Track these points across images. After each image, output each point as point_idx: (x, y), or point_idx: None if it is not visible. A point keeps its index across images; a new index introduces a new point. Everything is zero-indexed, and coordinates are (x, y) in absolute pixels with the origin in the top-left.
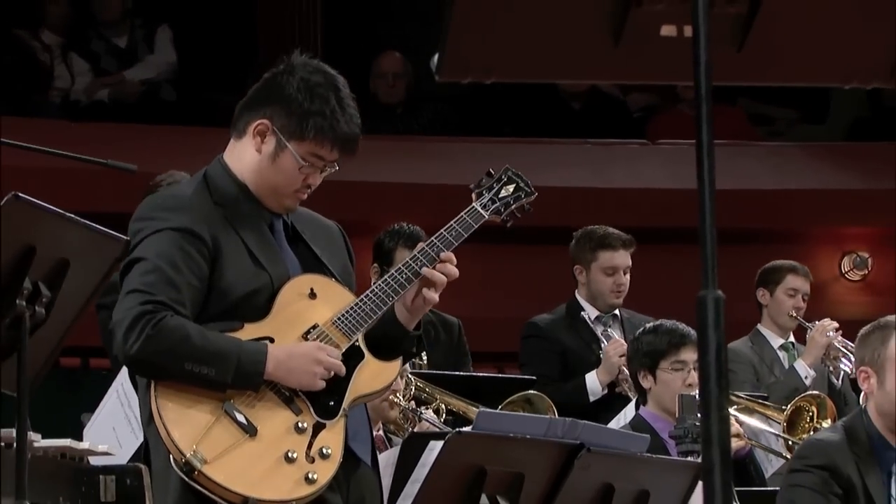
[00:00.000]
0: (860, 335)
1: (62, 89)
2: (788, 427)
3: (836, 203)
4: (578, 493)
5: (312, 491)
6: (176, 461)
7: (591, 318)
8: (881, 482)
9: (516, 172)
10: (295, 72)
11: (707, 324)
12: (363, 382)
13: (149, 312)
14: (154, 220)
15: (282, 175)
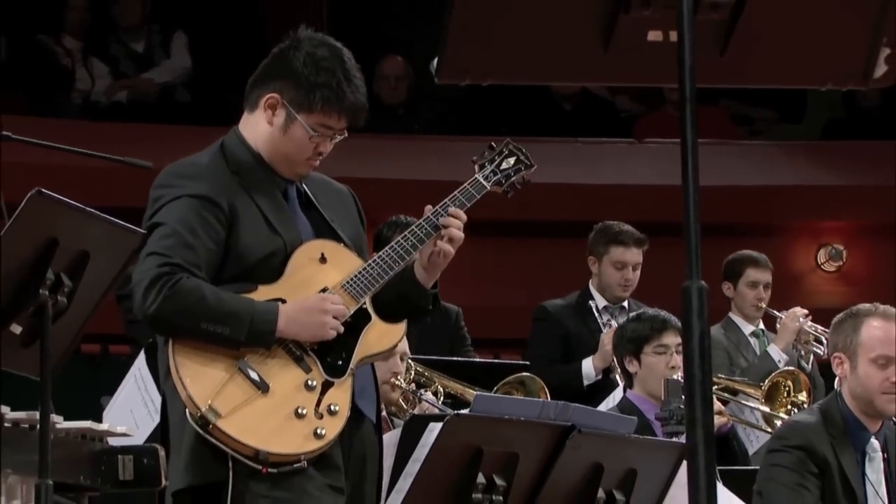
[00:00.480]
0: (834, 322)
1: (83, 91)
2: (767, 402)
3: (813, 198)
4: (570, 471)
5: (321, 445)
6: (192, 415)
7: (598, 308)
8: (855, 461)
9: (517, 146)
10: (301, 46)
11: (691, 312)
12: (370, 343)
13: (166, 274)
14: (173, 188)
15: (293, 144)
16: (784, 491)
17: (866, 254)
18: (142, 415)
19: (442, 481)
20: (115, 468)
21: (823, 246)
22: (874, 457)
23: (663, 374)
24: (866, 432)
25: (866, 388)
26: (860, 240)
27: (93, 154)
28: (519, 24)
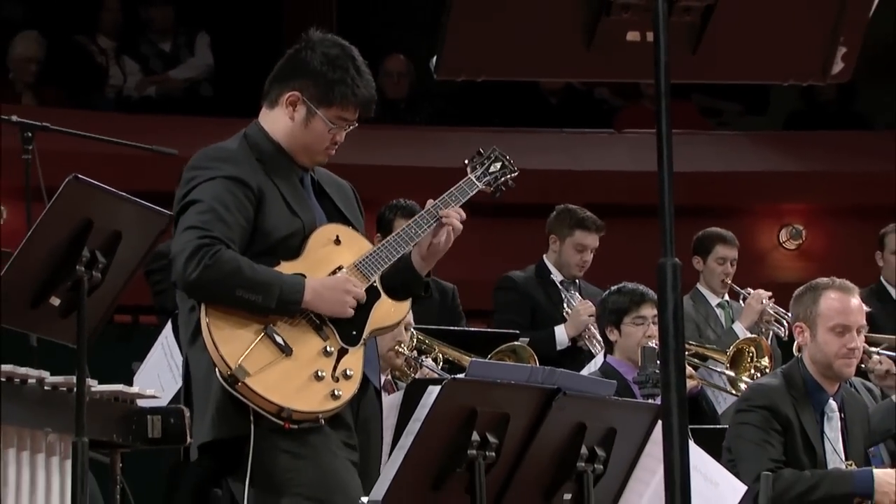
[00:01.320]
0: (795, 295)
1: (115, 86)
2: (732, 367)
3: (775, 183)
4: (556, 430)
5: (337, 405)
6: (221, 373)
7: (557, 280)
8: (814, 420)
9: (502, 153)
10: (316, 47)
11: (666, 286)
12: (379, 317)
13: (206, 245)
14: (208, 170)
15: (313, 136)
16: (750, 446)
17: (824, 233)
18: (168, 379)
19: (440, 439)
20: (144, 427)
21: (785, 226)
22: (832, 416)
23: (641, 342)
24: (825, 394)
25: (825, 354)
26: (818, 220)
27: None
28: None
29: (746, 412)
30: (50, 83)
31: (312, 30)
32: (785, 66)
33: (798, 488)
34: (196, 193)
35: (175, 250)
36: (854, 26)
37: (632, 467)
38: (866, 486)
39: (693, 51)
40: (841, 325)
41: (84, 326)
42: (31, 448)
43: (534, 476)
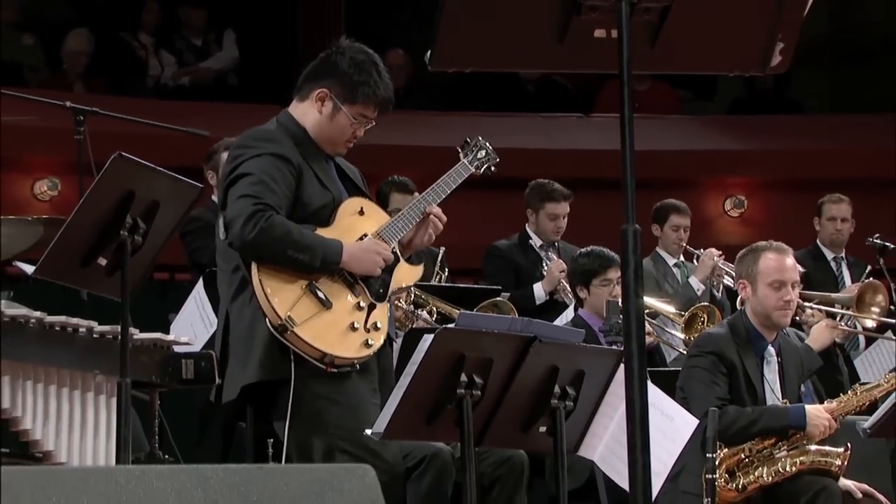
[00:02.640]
0: (738, 256)
1: (154, 76)
2: (686, 329)
3: (721, 160)
4: (532, 372)
5: (369, 353)
6: (272, 323)
7: (537, 246)
8: (755, 363)
9: (485, 143)
10: (345, 52)
11: (628, 249)
12: (400, 277)
13: (261, 210)
14: (254, 148)
15: (337, 129)
16: (700, 386)
17: (763, 203)
18: (199, 328)
19: (433, 379)
20: (179, 369)
21: (729, 197)
22: (770, 360)
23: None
24: (764, 341)
25: (764, 307)
26: (758, 192)
27: (162, 125)
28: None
29: (697, 357)
30: (98, 74)
31: (343, 37)
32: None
33: (741, 422)
34: (245, 167)
35: (232, 215)
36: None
37: (598, 404)
38: (799, 420)
39: (652, 45)
40: (778, 280)
41: (127, 283)
42: (82, 387)
43: (513, 411)
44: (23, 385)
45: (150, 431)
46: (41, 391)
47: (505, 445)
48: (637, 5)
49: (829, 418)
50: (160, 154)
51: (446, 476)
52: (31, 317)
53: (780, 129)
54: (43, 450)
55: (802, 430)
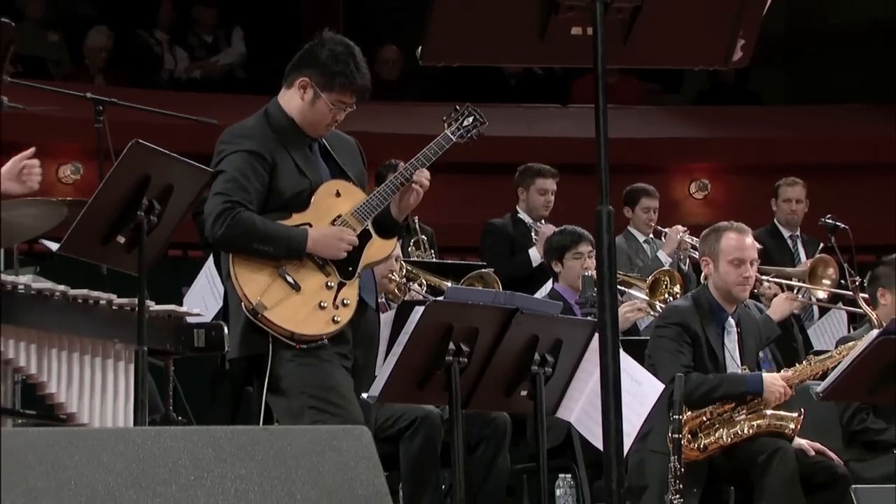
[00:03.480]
0: (702, 235)
1: (168, 70)
2: (650, 293)
3: (686, 147)
4: (515, 341)
5: (336, 328)
6: (246, 307)
7: (528, 222)
8: (717, 334)
9: (475, 108)
10: (325, 44)
11: (602, 228)
12: (371, 254)
13: (228, 209)
14: (231, 144)
15: (318, 114)
16: (666, 355)
17: (725, 186)
18: (210, 301)
19: (424, 348)
20: (191, 338)
21: (694, 180)
22: (731, 331)
23: (579, 273)
24: (725, 313)
25: (725, 282)
26: (720, 176)
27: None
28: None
29: (663, 328)
30: (117, 68)
31: (326, 30)
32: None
33: (703, 388)
34: (223, 165)
35: (206, 213)
36: (751, 23)
37: (574, 370)
38: (757, 387)
39: (624, 42)
40: (738, 258)
41: (144, 259)
42: (102, 355)
43: (497, 377)
44: (48, 353)
45: (164, 395)
46: (65, 358)
47: (489, 408)
48: (610, 5)
49: (784, 385)
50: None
51: (436, 436)
52: (55, 290)
53: (741, 118)
54: (66, 412)
55: (760, 395)
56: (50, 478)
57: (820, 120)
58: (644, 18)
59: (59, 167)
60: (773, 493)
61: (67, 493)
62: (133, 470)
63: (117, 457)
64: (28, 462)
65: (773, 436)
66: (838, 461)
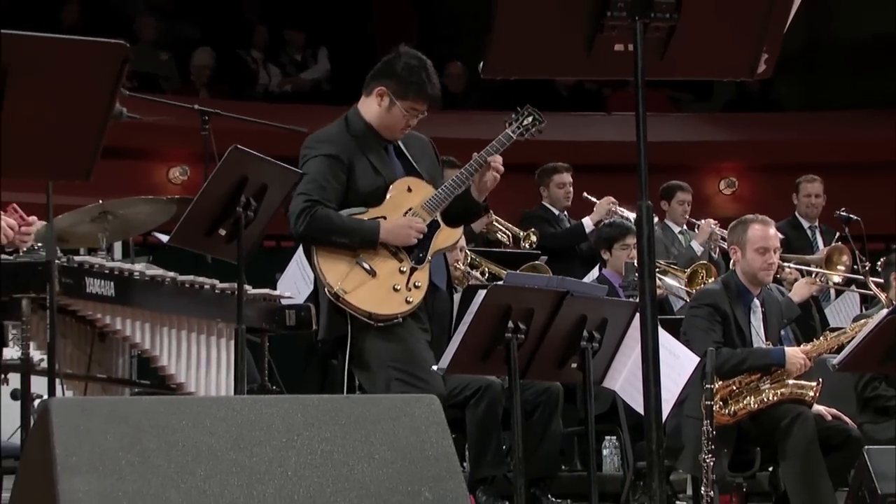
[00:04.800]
0: (730, 227)
1: (263, 85)
2: (689, 283)
3: (716, 149)
4: (566, 320)
5: (409, 308)
6: (328, 292)
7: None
8: (744, 313)
9: (534, 109)
10: (402, 57)
11: (643, 220)
12: (439, 242)
13: (309, 207)
14: (313, 149)
15: (393, 119)
16: (699, 332)
17: (750, 183)
18: (301, 285)
19: (486, 326)
20: (283, 318)
21: (723, 178)
22: (756, 310)
23: (625, 260)
24: (751, 295)
25: (752, 267)
26: (746, 174)
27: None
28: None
29: (697, 308)
30: (218, 82)
31: (402, 45)
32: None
33: (732, 361)
34: (305, 168)
35: (290, 211)
36: (773, 39)
37: (618, 345)
38: (780, 359)
39: (661, 56)
40: (762, 247)
41: (242, 249)
42: (207, 332)
43: (551, 351)
44: (160, 330)
45: (260, 367)
46: (174, 335)
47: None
48: (649, 24)
49: (804, 357)
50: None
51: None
52: (166, 276)
53: (764, 123)
54: (176, 382)
55: (782, 367)
56: (161, 440)
57: (832, 124)
58: (679, 36)
59: (169, 169)
60: (794, 453)
61: (176, 453)
62: (233, 433)
63: (219, 421)
64: (142, 426)
65: (795, 402)
66: (852, 425)
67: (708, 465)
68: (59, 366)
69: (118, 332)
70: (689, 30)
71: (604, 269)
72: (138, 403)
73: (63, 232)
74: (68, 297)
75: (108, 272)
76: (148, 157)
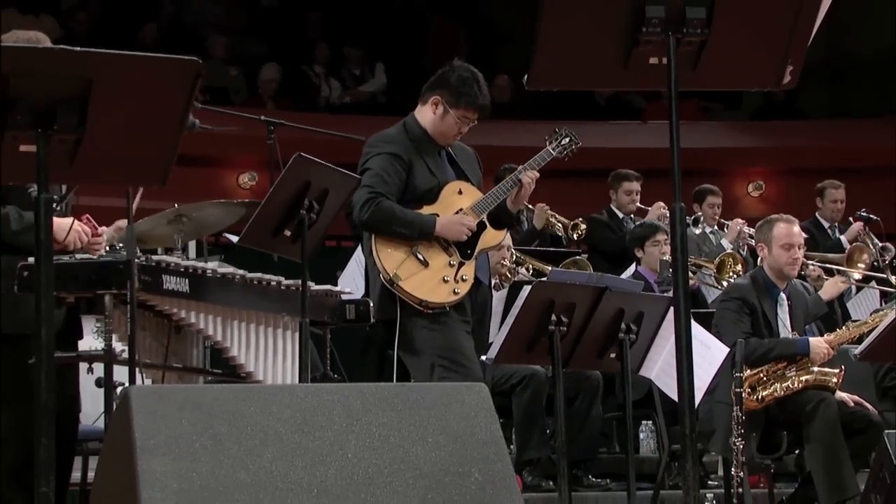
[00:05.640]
0: (758, 226)
1: (325, 97)
2: (718, 271)
3: (744, 154)
4: (605, 313)
5: (457, 299)
6: (384, 277)
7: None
8: (771, 306)
9: (570, 131)
10: (455, 70)
11: (676, 220)
12: (486, 241)
13: (373, 198)
14: (376, 147)
15: (446, 127)
16: (729, 324)
17: (777, 186)
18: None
19: (531, 319)
20: (343, 312)
21: (751, 182)
22: (782, 303)
23: (657, 257)
24: (777, 289)
25: (778, 263)
26: (773, 178)
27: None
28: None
29: (727, 301)
30: (284, 95)
31: (455, 58)
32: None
33: (760, 350)
34: (369, 164)
35: (354, 201)
36: (798, 51)
37: (654, 337)
38: (804, 348)
39: (693, 68)
40: (787, 243)
41: (306, 248)
42: (273, 325)
43: (591, 342)
44: (231, 324)
45: (323, 358)
46: (244, 328)
47: (585, 367)
48: (681, 39)
49: (827, 347)
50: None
51: (541, 390)
52: (236, 274)
53: (789, 131)
54: (245, 371)
55: (807, 355)
56: (231, 424)
57: (853, 131)
58: (710, 49)
59: (238, 175)
60: (818, 436)
61: (245, 437)
62: (297, 418)
63: (284, 407)
64: (214, 412)
65: (819, 389)
66: (873, 411)
67: (738, 448)
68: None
69: (192, 325)
70: (719, 44)
71: (639, 267)
72: (210, 391)
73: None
74: (147, 294)
75: (183, 270)
76: (219, 165)
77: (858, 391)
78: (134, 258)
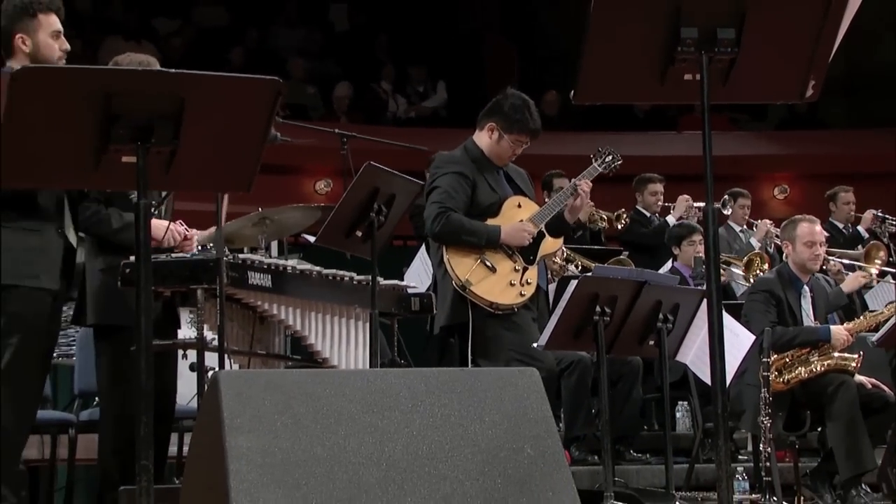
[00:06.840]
0: (783, 226)
1: (392, 112)
2: (746, 269)
3: (771, 160)
4: (645, 305)
5: (523, 300)
6: (456, 283)
7: (647, 215)
8: (795, 297)
9: (613, 149)
10: (508, 98)
11: (708, 221)
12: (545, 248)
13: (443, 212)
14: (443, 168)
15: (502, 150)
16: (757, 314)
17: (800, 189)
18: (423, 277)
19: (577, 311)
20: (409, 304)
21: (777, 185)
22: (806, 295)
23: (692, 254)
24: (801, 282)
25: (801, 258)
26: (797, 182)
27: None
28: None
29: (755, 293)
30: (355, 110)
31: (509, 87)
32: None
33: (786, 337)
34: (437, 182)
35: (426, 215)
36: (819, 66)
37: (689, 326)
38: (826, 335)
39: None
40: (810, 241)
41: (375, 248)
42: (346, 316)
43: (632, 331)
44: (309, 315)
45: (391, 345)
46: (320, 318)
47: (626, 353)
48: (713, 57)
49: (847, 334)
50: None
51: (587, 374)
52: (313, 270)
53: (812, 140)
54: (322, 357)
55: (828, 342)
56: (308, 405)
57: (869, 140)
58: (739, 66)
59: (315, 182)
60: (839, 415)
61: (321, 416)
62: (367, 400)
63: (356, 390)
64: (293, 394)
65: (839, 372)
66: (890, 392)
67: (765, 426)
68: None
69: (275, 316)
70: (747, 61)
71: (675, 262)
72: (290, 375)
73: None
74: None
75: (266, 267)
76: (298, 173)
77: (875, 374)
78: (223, 256)
